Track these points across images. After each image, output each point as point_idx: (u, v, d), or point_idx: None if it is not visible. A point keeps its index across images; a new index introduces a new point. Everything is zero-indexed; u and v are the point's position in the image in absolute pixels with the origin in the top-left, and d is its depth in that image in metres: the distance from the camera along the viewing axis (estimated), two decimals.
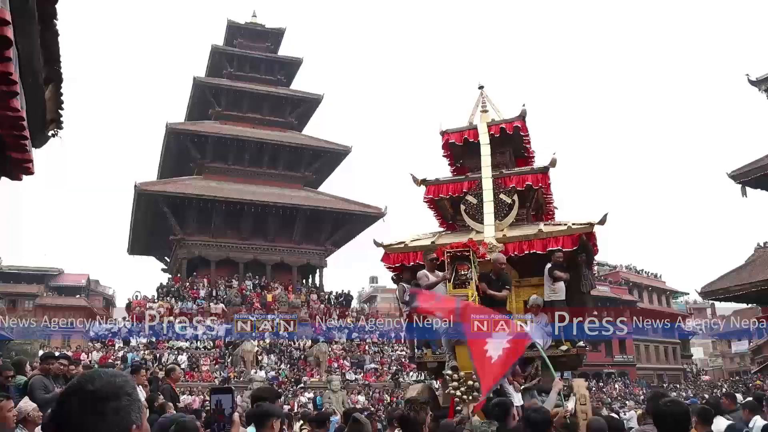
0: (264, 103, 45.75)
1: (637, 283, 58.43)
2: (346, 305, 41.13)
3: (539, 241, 9.66)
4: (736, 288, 35.07)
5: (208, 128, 42.65)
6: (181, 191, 39.23)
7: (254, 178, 42.76)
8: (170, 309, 34.25)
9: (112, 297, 69.71)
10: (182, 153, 42.32)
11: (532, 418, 4.69)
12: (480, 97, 11.26)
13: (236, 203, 39.82)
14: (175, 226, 39.74)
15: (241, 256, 41.25)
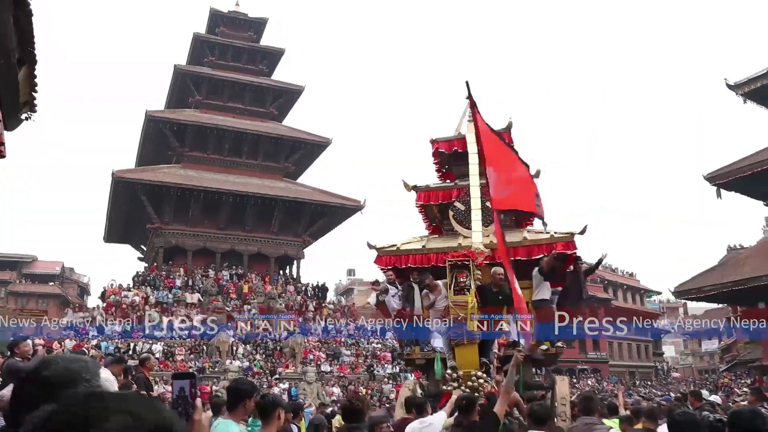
0: (245, 93, 45.50)
1: (612, 282, 59.01)
2: (323, 297, 41.15)
3: (524, 248, 10.24)
4: (708, 288, 35.68)
5: (188, 117, 42.36)
6: (159, 179, 38.95)
7: (233, 168, 42.57)
8: (146, 298, 34.06)
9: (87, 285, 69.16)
10: (161, 141, 42.00)
11: (537, 412, 5.28)
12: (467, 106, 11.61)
13: (214, 193, 39.63)
14: (152, 215, 39.46)
15: (219, 245, 41.08)
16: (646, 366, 61.38)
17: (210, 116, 42.87)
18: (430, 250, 10.67)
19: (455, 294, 9.14)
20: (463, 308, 8.94)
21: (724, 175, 35.55)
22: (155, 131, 41.43)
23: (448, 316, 9.15)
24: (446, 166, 11.99)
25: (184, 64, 45.89)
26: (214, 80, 44.73)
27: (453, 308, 9.07)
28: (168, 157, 42.60)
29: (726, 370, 45.76)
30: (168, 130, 41.29)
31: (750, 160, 34.95)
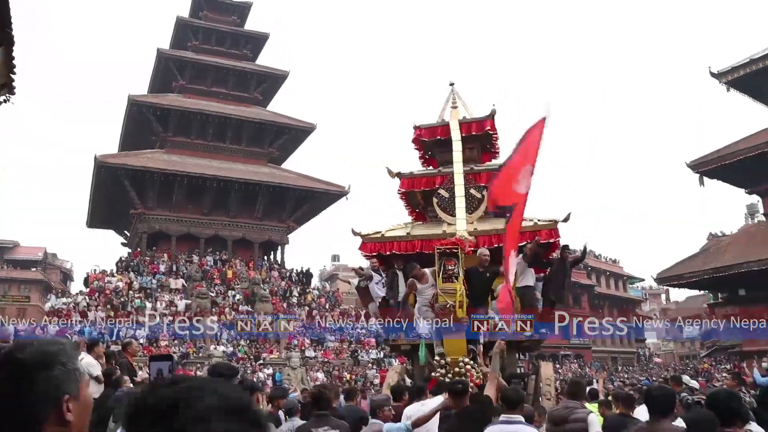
0: (229, 78, 45.16)
1: (595, 268, 59.44)
2: (307, 283, 41.14)
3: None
4: (690, 275, 36.03)
5: (171, 101, 41.99)
6: (142, 165, 38.65)
7: (217, 153, 42.31)
8: (129, 283, 33.90)
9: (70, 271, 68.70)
10: (144, 126, 41.64)
11: (509, 396, 5.37)
12: (450, 93, 11.74)
13: (198, 178, 39.38)
14: (135, 200, 39.19)
15: (203, 231, 40.90)
16: (628, 352, 62.00)
17: (194, 101, 42.55)
18: (415, 237, 10.74)
19: (444, 282, 9.24)
20: (451, 296, 9.02)
21: (707, 163, 35.84)
22: (138, 116, 41.05)
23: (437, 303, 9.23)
24: (429, 153, 12.04)
25: (168, 48, 45.41)
26: (197, 65, 44.33)
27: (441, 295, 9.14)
28: (151, 142, 42.27)
29: (706, 356, 46.36)
30: (151, 115, 40.94)
31: (732, 148, 35.25)
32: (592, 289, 57.49)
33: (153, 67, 44.80)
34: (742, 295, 36.34)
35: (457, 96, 11.62)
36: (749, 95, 37.16)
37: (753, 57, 34.75)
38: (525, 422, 5.24)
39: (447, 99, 11.72)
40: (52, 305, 32.30)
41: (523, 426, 5.14)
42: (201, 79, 44.33)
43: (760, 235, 34.61)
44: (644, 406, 5.21)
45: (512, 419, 5.15)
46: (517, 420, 5.16)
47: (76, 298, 32.66)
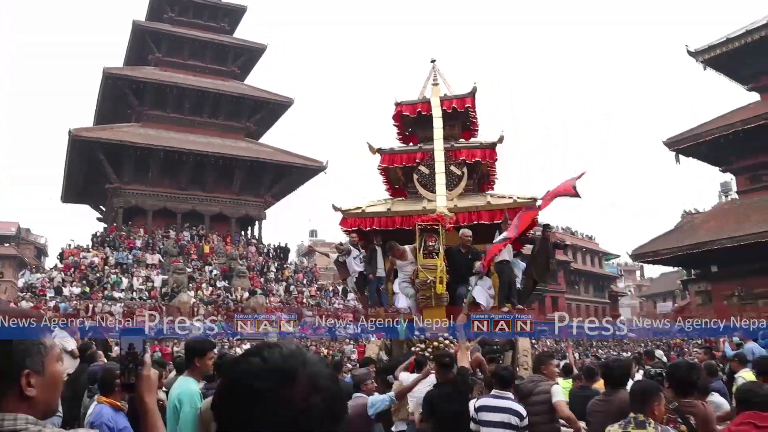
0: (206, 51, 44.57)
1: (572, 244, 59.90)
2: (284, 258, 41.12)
3: (487, 212, 10.43)
4: (664, 252, 36.50)
5: (147, 74, 41.38)
6: (117, 138, 38.12)
7: (194, 128, 41.87)
8: (105, 259, 33.62)
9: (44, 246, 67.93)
10: (120, 99, 41.04)
11: (502, 375, 5.87)
12: (432, 70, 11.81)
13: (175, 152, 39.00)
14: (111, 174, 38.71)
15: (179, 206, 40.59)
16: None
17: (170, 74, 41.97)
18: (395, 213, 10.81)
19: (424, 257, 9.31)
20: (432, 271, 9.10)
21: (683, 141, 36.20)
22: (113, 89, 40.40)
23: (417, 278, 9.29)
24: (410, 129, 12.08)
25: (143, 20, 44.66)
26: (174, 37, 43.65)
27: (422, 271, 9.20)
28: (127, 116, 41.69)
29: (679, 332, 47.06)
30: (127, 88, 40.33)
31: (707, 126, 35.61)
32: (568, 266, 58.13)
33: (128, 39, 44.02)
34: (715, 271, 36.95)
35: (438, 73, 11.68)
36: (725, 74, 37.51)
37: (729, 36, 35.01)
38: (514, 399, 5.74)
39: (428, 76, 11.78)
40: (26, 281, 31.95)
41: (511, 402, 5.64)
42: (178, 52, 43.72)
43: (732, 213, 35.10)
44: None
45: (503, 395, 5.68)
46: (507, 396, 5.67)
47: (51, 274, 32.34)
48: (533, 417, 5.74)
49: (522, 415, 5.59)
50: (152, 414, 2.08)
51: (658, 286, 78.66)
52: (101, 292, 30.23)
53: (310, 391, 1.12)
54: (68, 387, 7.39)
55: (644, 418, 4.00)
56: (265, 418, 1.10)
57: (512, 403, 5.65)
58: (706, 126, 35.68)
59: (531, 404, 5.86)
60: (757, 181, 35.82)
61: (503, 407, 5.62)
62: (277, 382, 1.11)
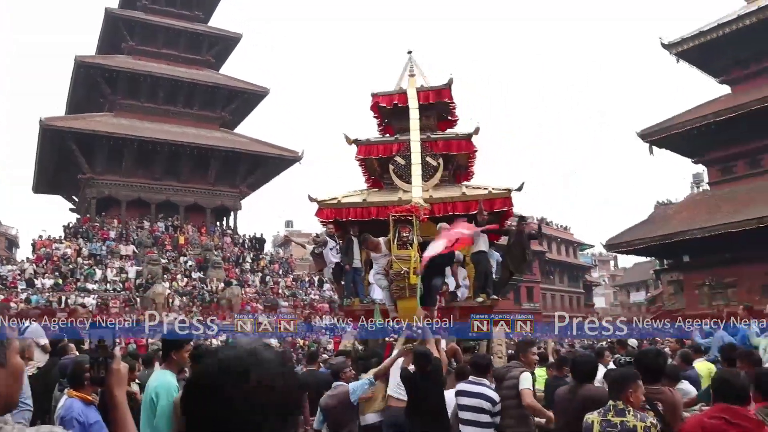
0: (180, 40, 44.05)
1: (546, 235, 60.33)
2: (260, 249, 40.96)
3: (462, 203, 10.50)
4: (638, 242, 36.92)
5: (121, 63, 40.79)
6: (90, 128, 37.60)
7: (168, 117, 41.44)
8: (78, 250, 33.22)
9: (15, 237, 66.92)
10: (92, 88, 40.47)
11: (479, 362, 6.18)
12: (408, 61, 11.80)
13: (149, 142, 38.60)
14: (83, 165, 38.22)
15: (153, 196, 40.21)
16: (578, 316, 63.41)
17: (144, 63, 41.44)
18: (371, 203, 10.82)
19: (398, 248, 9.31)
20: (406, 262, 9.12)
21: (656, 133, 36.58)
22: (86, 77, 39.83)
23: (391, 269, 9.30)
24: (386, 120, 12.07)
25: (116, 7, 43.97)
26: (147, 25, 43.05)
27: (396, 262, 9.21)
28: (100, 105, 41.15)
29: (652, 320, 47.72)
30: (99, 77, 39.76)
31: (680, 118, 36.02)
32: (543, 256, 58.56)
33: (101, 27, 43.34)
34: (686, 261, 37.48)
35: (415, 64, 11.70)
36: (697, 67, 37.94)
37: (702, 29, 35.39)
38: (489, 385, 6.02)
39: (405, 67, 11.78)
40: None
41: (486, 388, 5.94)
42: (151, 41, 43.15)
43: (704, 204, 35.58)
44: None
45: (479, 381, 6.00)
46: (483, 383, 5.97)
47: (23, 266, 31.86)
48: (504, 401, 5.96)
49: (495, 401, 5.89)
50: (122, 408, 2.07)
51: (631, 275, 79.62)
52: (74, 284, 29.89)
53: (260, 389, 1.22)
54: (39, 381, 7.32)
55: (623, 405, 4.05)
56: (219, 413, 1.21)
57: (486, 389, 5.94)
58: (679, 118, 36.08)
59: (503, 388, 6.06)
60: (728, 172, 36.33)
61: (478, 393, 5.94)
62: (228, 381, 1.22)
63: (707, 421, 3.70)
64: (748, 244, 30.54)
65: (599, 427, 4.08)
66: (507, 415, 5.89)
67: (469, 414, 5.92)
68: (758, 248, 30.63)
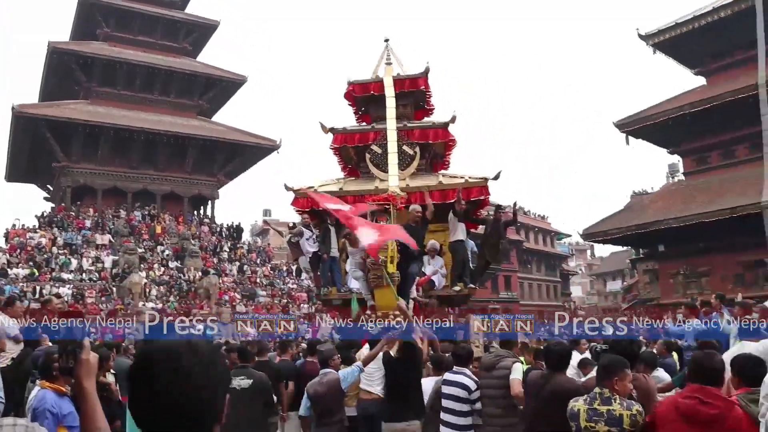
0: (157, 26, 43.49)
1: (524, 224, 60.73)
2: (238, 238, 40.77)
3: (439, 191, 10.51)
4: (614, 231, 37.26)
5: (96, 50, 40.19)
6: (65, 116, 37.05)
7: (145, 105, 40.99)
8: (53, 239, 32.81)
9: None
10: (66, 75, 39.85)
11: (459, 353, 6.34)
12: (385, 50, 11.76)
13: (125, 130, 38.15)
14: (58, 153, 37.70)
15: (130, 185, 39.81)
16: (554, 305, 63.98)
17: (119, 50, 40.88)
18: (347, 192, 10.81)
19: None
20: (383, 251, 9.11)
21: (633, 123, 36.90)
22: (60, 64, 39.21)
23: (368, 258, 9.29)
24: (363, 109, 12.04)
25: None
26: (123, 11, 42.42)
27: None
28: (74, 93, 40.55)
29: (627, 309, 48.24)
30: (74, 64, 39.15)
31: (656, 109, 36.35)
32: (520, 245, 58.90)
33: (75, 12, 42.67)
34: (662, 251, 37.92)
35: (392, 53, 11.66)
36: (673, 58, 38.26)
37: (678, 21, 35.69)
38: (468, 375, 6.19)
39: (381, 55, 11.74)
40: None
41: (464, 377, 6.14)
42: (127, 27, 42.57)
43: (679, 194, 35.99)
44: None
45: (459, 371, 6.20)
46: (462, 372, 6.18)
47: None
48: (493, 390, 6.01)
49: (470, 389, 6.07)
50: (90, 398, 2.04)
51: (608, 265, 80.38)
52: (49, 274, 29.56)
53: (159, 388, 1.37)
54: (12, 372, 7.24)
55: (610, 393, 4.05)
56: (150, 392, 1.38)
57: (464, 378, 6.12)
58: (655, 108, 36.41)
59: (491, 377, 6.09)
60: (703, 163, 36.76)
61: (456, 381, 6.15)
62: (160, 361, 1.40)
63: (681, 401, 3.75)
64: (722, 234, 31.00)
65: (585, 416, 4.08)
66: (495, 404, 5.96)
67: (448, 402, 6.12)
68: (731, 238, 31.12)
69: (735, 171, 33.77)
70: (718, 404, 3.61)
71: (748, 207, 29.58)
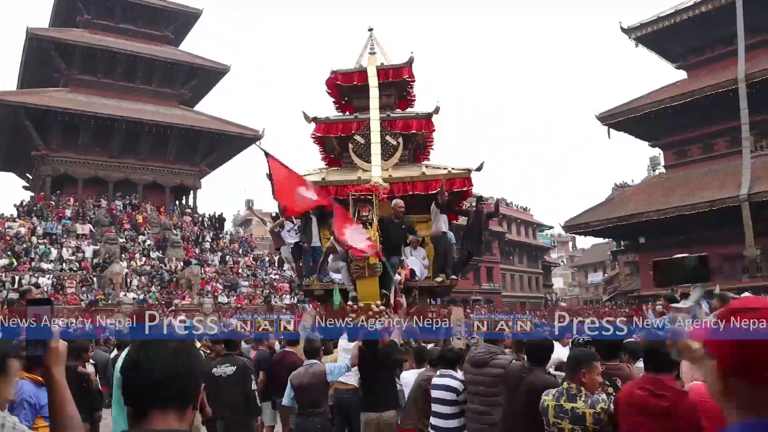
0: (138, 14, 43.02)
1: (506, 215, 60.95)
2: (220, 228, 40.58)
3: (422, 182, 10.48)
4: (596, 223, 37.50)
5: (76, 37, 39.68)
6: (44, 104, 36.58)
7: (126, 94, 40.60)
8: (33, 229, 32.46)
9: None
10: (46, 62, 39.33)
11: (447, 356, 6.29)
12: (369, 39, 11.66)
13: (106, 119, 37.75)
14: (38, 141, 37.26)
15: (111, 174, 39.47)
16: (536, 297, 64.45)
17: (100, 37, 40.39)
18: (330, 182, 10.76)
19: None
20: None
21: (614, 116, 37.11)
22: (39, 51, 38.67)
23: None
24: (346, 99, 11.99)
25: None
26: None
27: None
28: (54, 80, 40.05)
29: (608, 300, 48.73)
30: (53, 51, 38.64)
31: (637, 102, 36.58)
32: (503, 236, 59.11)
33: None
34: (642, 242, 38.24)
35: (376, 42, 11.59)
36: (655, 52, 38.51)
37: (660, 15, 35.91)
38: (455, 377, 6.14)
39: (365, 45, 11.67)
40: None
41: (451, 379, 6.11)
42: (108, 15, 42.07)
43: (660, 187, 36.27)
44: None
45: (446, 374, 6.14)
46: (449, 374, 6.14)
47: None
48: (484, 387, 5.84)
49: (458, 390, 6.05)
50: (60, 386, 2.00)
51: (589, 256, 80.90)
52: (28, 264, 29.27)
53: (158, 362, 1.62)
54: None
55: (576, 389, 4.02)
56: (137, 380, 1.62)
57: (451, 380, 6.08)
58: (637, 102, 36.63)
59: (482, 374, 5.92)
60: (683, 156, 37.07)
61: (443, 384, 6.10)
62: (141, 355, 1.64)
63: (635, 392, 3.70)
64: (701, 227, 31.33)
65: (553, 412, 4.07)
66: (484, 402, 5.83)
67: (437, 406, 6.12)
68: (710, 231, 31.44)
69: (714, 164, 34.09)
70: (669, 395, 3.55)
71: (727, 200, 29.93)
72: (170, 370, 1.62)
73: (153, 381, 1.60)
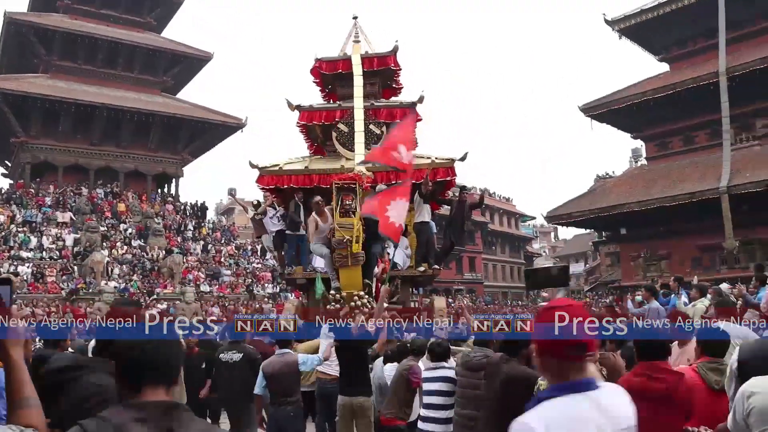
0: (120, 0, 42.53)
1: (489, 206, 61.08)
2: (202, 216, 40.37)
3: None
4: (577, 214, 37.73)
5: (55, 22, 39.12)
6: (23, 90, 36.07)
7: (108, 81, 40.16)
8: (12, 217, 32.10)
9: None
10: (25, 48, 38.78)
11: (435, 351, 6.26)
12: (354, 27, 11.62)
13: (87, 106, 37.32)
14: (16, 128, 36.79)
15: (92, 162, 39.10)
16: (518, 287, 64.75)
17: (81, 23, 39.88)
18: (313, 171, 10.75)
19: (341, 216, 9.28)
20: (348, 230, 9.11)
21: (597, 108, 37.30)
22: (17, 36, 38.09)
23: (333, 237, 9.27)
24: (330, 87, 11.96)
25: None
26: None
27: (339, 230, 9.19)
28: (34, 66, 39.52)
29: (589, 291, 49.10)
30: (32, 36, 38.08)
31: (620, 94, 36.77)
32: (485, 227, 59.32)
33: None
34: (623, 234, 38.56)
35: (360, 30, 11.55)
36: (638, 44, 38.69)
37: (643, 7, 36.06)
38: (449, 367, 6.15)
39: (350, 33, 11.62)
40: None
41: (445, 369, 6.12)
42: (89, 0, 41.53)
43: (642, 178, 36.54)
44: None
45: (438, 366, 6.17)
46: (441, 366, 6.16)
47: None
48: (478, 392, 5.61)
49: (455, 380, 6.02)
50: (18, 368, 1.97)
51: (571, 247, 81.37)
52: (8, 252, 28.96)
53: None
54: None
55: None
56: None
57: (446, 370, 6.08)
58: (620, 93, 36.82)
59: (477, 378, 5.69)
60: (665, 148, 37.34)
61: (438, 376, 6.12)
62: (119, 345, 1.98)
63: (633, 380, 3.80)
64: (681, 219, 31.67)
65: None
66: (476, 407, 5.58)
67: (432, 398, 6.11)
68: (690, 222, 31.80)
69: (695, 156, 34.40)
70: (667, 378, 3.68)
71: (706, 192, 30.21)
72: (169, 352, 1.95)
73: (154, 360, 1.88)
